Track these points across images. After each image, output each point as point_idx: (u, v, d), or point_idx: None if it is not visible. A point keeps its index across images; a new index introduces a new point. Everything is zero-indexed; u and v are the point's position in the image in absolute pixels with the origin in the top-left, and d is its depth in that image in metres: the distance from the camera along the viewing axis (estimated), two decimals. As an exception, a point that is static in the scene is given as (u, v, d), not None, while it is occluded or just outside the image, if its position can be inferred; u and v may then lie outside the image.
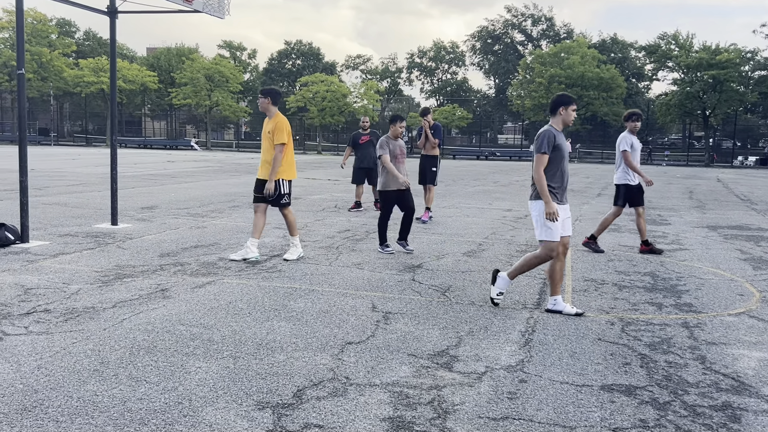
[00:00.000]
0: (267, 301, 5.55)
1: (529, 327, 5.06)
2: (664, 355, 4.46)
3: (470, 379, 3.94)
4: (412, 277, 6.69)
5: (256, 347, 4.38)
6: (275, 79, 74.75)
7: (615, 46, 67.07)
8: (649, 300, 6.01)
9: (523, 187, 20.34)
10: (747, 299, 6.15)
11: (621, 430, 3.30)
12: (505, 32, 74.15)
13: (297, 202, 13.50)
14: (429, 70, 75.28)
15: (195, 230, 9.41)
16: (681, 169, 40.88)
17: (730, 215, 13.51)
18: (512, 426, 3.31)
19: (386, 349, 4.42)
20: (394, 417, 3.37)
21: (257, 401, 3.51)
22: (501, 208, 13.74)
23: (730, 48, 49.45)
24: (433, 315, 5.31)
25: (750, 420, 3.46)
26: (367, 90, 59.61)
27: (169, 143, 59.50)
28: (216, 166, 28.51)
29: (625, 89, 54.28)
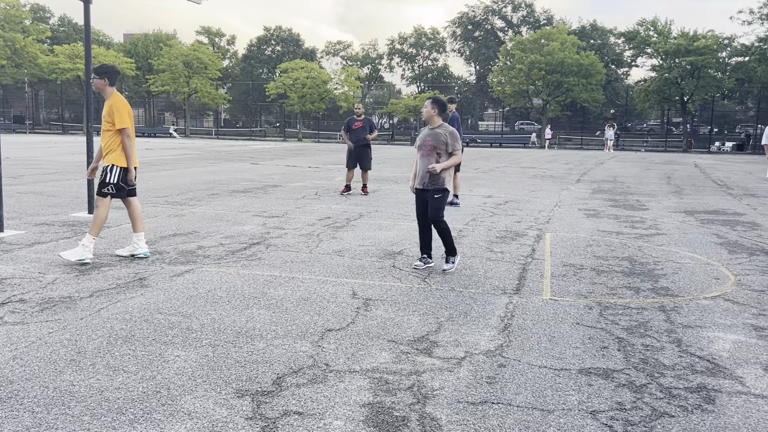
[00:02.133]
0: (246, 289, 5.52)
1: (508, 312, 5.09)
2: (641, 339, 4.51)
3: (450, 364, 3.96)
4: (393, 264, 6.69)
5: (235, 335, 4.36)
6: (255, 66, 74.14)
7: (594, 32, 67.31)
8: (626, 284, 6.08)
9: (504, 173, 20.42)
10: (722, 283, 6.24)
11: (598, 412, 3.34)
12: (486, 18, 74.07)
13: (277, 190, 13.44)
14: (410, 56, 75.02)
15: (173, 218, 9.33)
16: (659, 154, 41.29)
17: (707, 200, 13.69)
18: (491, 410, 3.33)
19: (366, 336, 4.42)
20: (373, 403, 3.38)
21: (236, 389, 3.50)
22: (481, 194, 13.78)
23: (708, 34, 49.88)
24: (413, 301, 5.32)
25: (724, 401, 3.52)
26: (348, 77, 59.33)
27: (148, 131, 58.80)
28: (195, 153, 28.25)
29: (605, 75, 54.54)
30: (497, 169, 22.63)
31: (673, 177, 20.54)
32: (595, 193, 14.85)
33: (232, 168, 19.74)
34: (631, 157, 36.61)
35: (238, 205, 10.99)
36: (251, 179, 15.94)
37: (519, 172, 21.35)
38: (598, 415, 3.31)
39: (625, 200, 13.33)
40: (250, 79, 72.00)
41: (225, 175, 17.15)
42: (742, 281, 6.30)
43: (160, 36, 67.18)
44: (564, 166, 25.65)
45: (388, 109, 59.90)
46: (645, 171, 23.24)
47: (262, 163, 22.87)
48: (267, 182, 15.29)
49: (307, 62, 60.87)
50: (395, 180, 16.77)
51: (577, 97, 53.59)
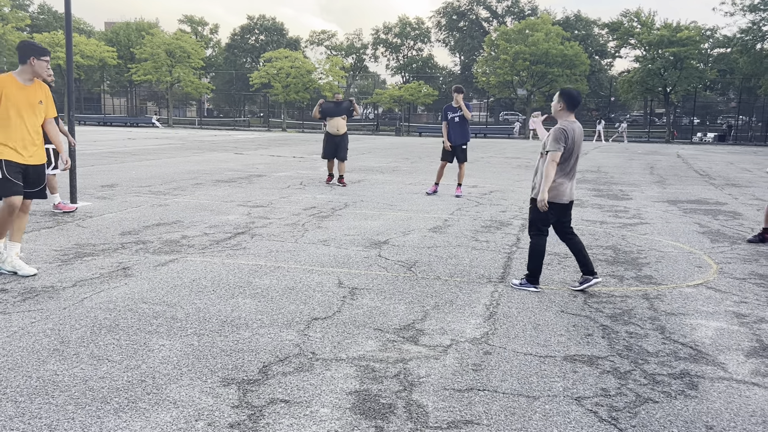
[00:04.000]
0: (231, 279, 5.50)
1: (494, 300, 5.11)
2: (625, 326, 4.55)
3: (436, 352, 3.97)
4: (378, 253, 6.69)
5: (220, 324, 4.34)
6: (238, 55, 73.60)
7: (578, 23, 67.53)
8: (610, 273, 6.12)
9: (488, 164, 20.47)
10: (705, 271, 6.30)
11: (583, 399, 3.36)
12: (470, 8, 74.00)
13: (262, 180, 13.37)
14: (394, 46, 74.82)
15: (157, 208, 9.25)
16: (642, 145, 41.58)
17: (690, 190, 13.81)
18: (477, 397, 3.35)
19: (352, 324, 4.42)
20: (360, 390, 3.38)
21: (222, 378, 3.49)
22: (466, 184, 13.79)
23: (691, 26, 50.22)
24: (399, 290, 5.32)
25: (707, 387, 3.56)
26: (332, 66, 59.08)
27: (130, 120, 58.21)
28: (178, 143, 28.01)
29: (589, 66, 54.77)
30: (482, 159, 22.67)
31: (656, 167, 20.70)
32: (579, 183, 14.91)
33: (216, 158, 19.60)
34: (614, 147, 36.83)
35: (222, 194, 10.92)
36: (235, 169, 15.84)
37: (504, 162, 21.40)
38: (583, 401, 3.34)
39: (608, 190, 13.42)
40: (233, 68, 71.47)
41: (209, 164, 17.03)
42: (724, 269, 6.37)
43: (142, 24, 66.42)
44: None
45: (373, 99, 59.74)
46: (628, 161, 23.39)
47: (246, 153, 22.73)
48: (251, 172, 15.20)
49: (291, 51, 60.49)
50: (380, 170, 16.75)
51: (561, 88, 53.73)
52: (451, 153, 11.82)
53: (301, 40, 74.55)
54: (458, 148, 11.75)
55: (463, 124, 11.66)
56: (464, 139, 11.73)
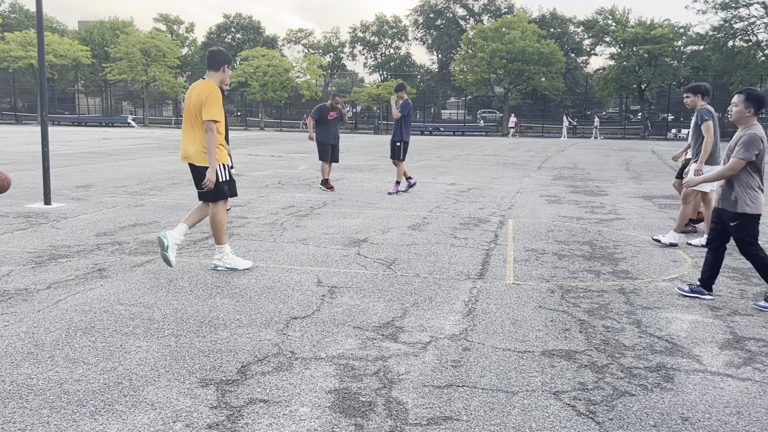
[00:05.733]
0: (209, 279, 5.45)
1: (473, 297, 5.13)
2: (602, 320, 4.60)
3: (415, 349, 3.98)
4: (358, 252, 6.68)
5: (198, 325, 4.30)
6: (215, 54, 72.91)
7: (554, 21, 68.04)
8: (587, 268, 6.18)
9: (467, 161, 20.55)
10: (680, 265, 6.39)
11: (561, 393, 3.39)
12: (447, 7, 74.22)
13: (239, 179, 13.29)
14: (372, 44, 74.79)
15: (133, 208, 9.15)
16: (618, 141, 42.04)
17: (665, 185, 14.00)
18: (456, 393, 3.36)
19: (332, 323, 4.41)
20: (339, 389, 3.37)
21: (200, 378, 3.46)
22: (445, 182, 13.84)
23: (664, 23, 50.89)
24: (379, 288, 5.32)
25: (682, 379, 3.61)
26: (310, 65, 58.89)
27: (105, 120, 57.50)
28: (154, 143, 27.73)
29: (565, 64, 55.24)
30: (460, 156, 22.76)
31: (631, 163, 20.95)
32: (556, 179, 15.05)
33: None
34: (590, 144, 37.21)
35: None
36: (213, 168, 15.70)
37: (481, 159, 21.51)
38: (562, 395, 3.36)
39: (585, 186, 13.55)
40: (210, 67, 70.78)
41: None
42: (698, 263, 6.46)
43: (116, 23, 65.60)
44: (525, 153, 25.94)
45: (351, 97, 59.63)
46: (604, 158, 23.64)
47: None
48: (229, 171, 15.08)
49: (269, 50, 60.19)
50: (359, 168, 16.74)
51: (537, 86, 54.20)
52: (391, 149, 11.69)
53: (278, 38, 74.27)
54: (392, 145, 11.64)
55: (398, 122, 11.50)
56: (397, 137, 11.56)
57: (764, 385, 3.54)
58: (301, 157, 20.31)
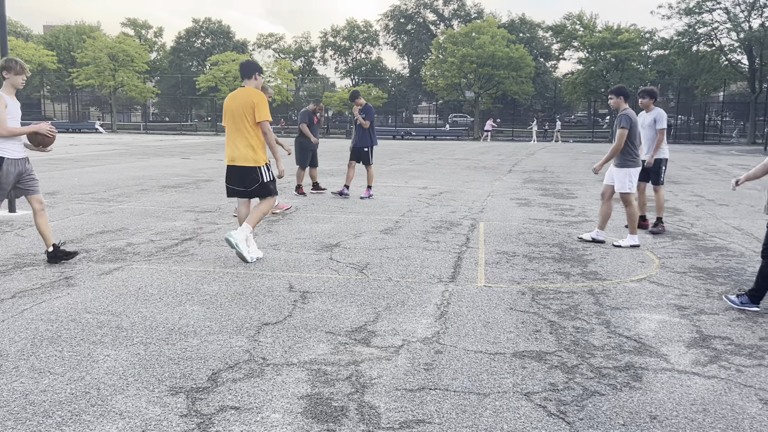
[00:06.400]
0: (179, 286, 5.39)
1: (444, 300, 5.15)
2: (571, 321, 4.65)
3: (388, 353, 3.98)
4: (330, 256, 6.67)
5: (168, 332, 4.24)
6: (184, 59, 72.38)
7: (523, 26, 68.83)
8: (557, 270, 6.25)
9: (438, 165, 20.64)
10: (648, 266, 6.49)
11: (532, 394, 3.42)
12: (418, 12, 74.59)
13: (210, 184, 13.18)
14: (343, 49, 74.82)
15: (101, 215, 9.01)
16: (587, 145, 42.63)
17: (632, 188, 14.20)
18: (428, 396, 3.37)
19: (304, 328, 4.39)
20: (312, 394, 3.36)
21: (170, 387, 3.41)
22: (417, 186, 13.89)
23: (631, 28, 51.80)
24: (351, 292, 5.31)
25: (650, 378, 3.67)
26: (281, 69, 58.68)
27: (72, 126, 56.46)
28: (122, 149, 27.35)
29: (534, 68, 55.83)
30: (432, 161, 22.85)
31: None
32: (526, 182, 15.20)
33: (162, 163, 19.23)
34: (560, 147, 37.66)
35: (168, 200, 10.71)
36: (182, 174, 15.56)
37: (453, 163, 21.63)
38: (533, 396, 3.39)
39: (554, 189, 13.70)
40: (179, 72, 70.23)
41: (154, 170, 16.68)
42: (665, 264, 6.57)
43: (83, 28, 64.62)
44: (496, 157, 26.15)
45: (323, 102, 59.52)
46: (573, 161, 23.94)
47: (194, 157, 22.36)
48: (199, 177, 14.96)
49: (239, 54, 59.83)
50: (331, 173, 16.71)
51: (507, 90, 54.67)
52: (356, 154, 11.71)
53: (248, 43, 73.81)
54: (360, 151, 11.64)
55: (362, 128, 11.52)
56: (362, 143, 11.57)
57: (729, 382, 3.61)
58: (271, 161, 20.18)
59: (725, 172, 18.86)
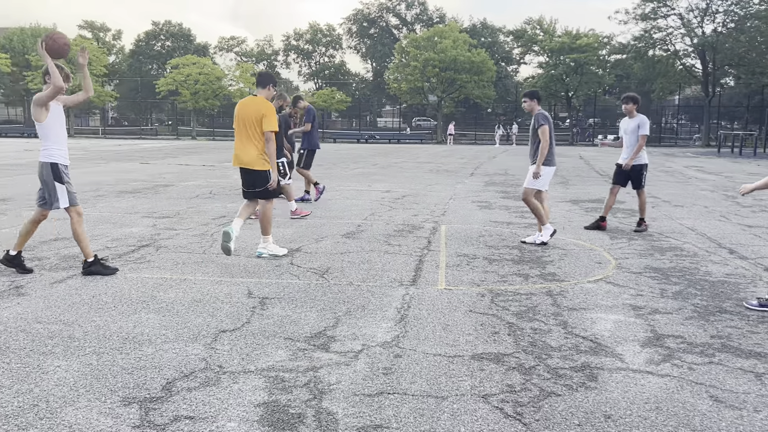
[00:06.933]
0: (134, 294, 5.28)
1: (405, 303, 5.15)
2: (529, 323, 4.69)
3: (347, 358, 3.95)
4: (291, 261, 6.62)
5: (122, 342, 4.15)
6: (143, 62, 71.27)
7: (485, 30, 69.54)
8: (516, 271, 6.31)
9: (402, 169, 20.69)
10: (604, 267, 6.60)
11: (490, 396, 3.43)
12: (380, 16, 74.79)
13: (169, 190, 12.97)
14: (306, 53, 74.57)
15: (55, 223, 8.78)
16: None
17: (591, 190, 14.47)
18: (387, 401, 3.36)
19: (262, 335, 4.34)
20: (268, 402, 3.32)
21: (123, 397, 3.34)
22: (380, 189, 13.90)
23: (589, 33, 52.79)
24: (311, 297, 5.28)
25: (605, 377, 3.72)
26: (243, 73, 58.19)
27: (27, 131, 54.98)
28: (80, 154, 26.77)
29: (495, 73, 56.45)
30: (395, 164, 22.91)
31: (559, 169, 21.54)
32: (488, 185, 15.34)
33: (120, 168, 18.87)
34: (522, 150, 38.11)
35: (125, 206, 10.51)
36: (141, 179, 15.29)
37: (416, 167, 21.71)
38: (490, 398, 3.41)
39: (515, 192, 13.84)
40: (138, 75, 69.10)
41: (112, 175, 16.36)
42: (621, 264, 6.69)
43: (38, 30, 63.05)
44: (459, 160, 26.34)
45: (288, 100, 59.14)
46: (535, 163, 24.22)
47: (153, 162, 22.00)
48: (158, 182, 14.72)
49: (200, 58, 59.16)
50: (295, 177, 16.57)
51: (469, 94, 55.16)
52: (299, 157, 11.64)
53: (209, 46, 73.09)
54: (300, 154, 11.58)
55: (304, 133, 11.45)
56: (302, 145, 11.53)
57: (681, 380, 3.69)
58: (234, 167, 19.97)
59: (681, 174, 19.33)
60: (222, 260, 6.58)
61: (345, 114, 69.94)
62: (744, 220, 9.97)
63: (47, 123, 5.66)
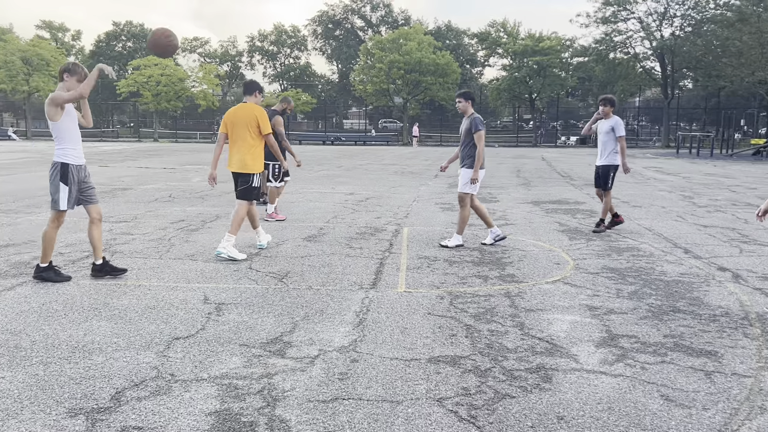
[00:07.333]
0: (86, 301, 5.15)
1: (364, 307, 5.12)
2: (487, 325, 4.70)
3: (302, 363, 3.91)
4: (249, 266, 6.54)
5: (71, 351, 4.04)
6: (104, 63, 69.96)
7: (450, 33, 69.98)
8: (476, 273, 6.33)
9: (366, 171, 20.67)
10: (563, 267, 6.67)
11: (444, 399, 3.43)
12: (345, 17, 74.71)
13: (127, 193, 12.73)
14: (271, 54, 74.10)
15: (7, 228, 8.54)
16: (511, 149, 43.67)
17: (552, 191, 14.63)
18: (341, 406, 3.32)
19: (216, 342, 4.26)
20: (220, 410, 3.26)
21: (69, 408, 3.24)
22: (343, 191, 13.85)
23: (552, 36, 53.52)
24: (269, 302, 5.22)
25: (560, 378, 3.75)
26: (206, 74, 57.57)
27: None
28: (37, 157, 26.14)
29: (460, 75, 56.86)
30: (360, 166, 22.87)
31: (522, 170, 21.77)
32: (451, 187, 15.40)
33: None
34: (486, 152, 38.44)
35: (81, 210, 10.21)
36: (99, 183, 14.97)
37: (381, 168, 21.71)
38: (445, 401, 3.40)
39: (477, 193, 13.91)
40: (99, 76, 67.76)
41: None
42: (579, 265, 6.77)
43: (-7, 29, 61.48)
44: (424, 162, 26.42)
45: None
46: (497, 165, 24.45)
47: (112, 165, 21.59)
48: (116, 185, 14.43)
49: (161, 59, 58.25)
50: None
51: (435, 96, 55.43)
52: None
53: (172, 47, 71.93)
54: None
55: None
56: None
57: (634, 380, 3.73)
58: (195, 170, 19.73)
59: (640, 175, 19.68)
60: (178, 266, 6.47)
61: (311, 116, 69.67)
62: (700, 220, 10.19)
63: (61, 123, 5.62)
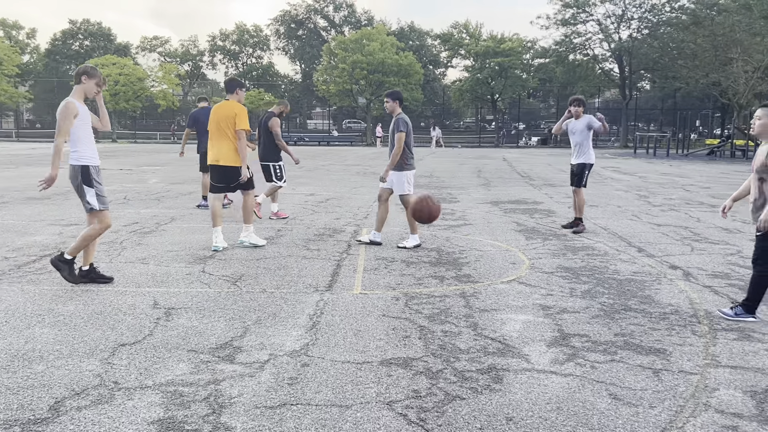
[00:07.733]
0: (29, 307, 4.98)
1: (318, 310, 5.06)
2: (441, 325, 4.69)
3: (251, 369, 3.84)
4: (202, 269, 6.41)
5: (10, 359, 3.89)
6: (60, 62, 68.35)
7: (413, 33, 70.21)
8: (432, 274, 6.33)
9: (328, 171, 20.57)
10: (518, 267, 6.70)
11: (394, 402, 3.39)
12: (308, 17, 74.39)
13: (82, 195, 12.41)
14: (232, 53, 73.32)
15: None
16: (473, 150, 44.01)
17: (511, 191, 14.76)
18: (289, 412, 3.27)
19: (164, 348, 4.16)
20: (164, 419, 3.17)
21: (4, 420, 3.11)
22: (304, 192, 13.75)
23: (513, 38, 54.09)
24: (221, 306, 5.12)
25: (510, 379, 3.74)
26: (166, 74, 56.69)
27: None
28: (-11, 158, 25.37)
29: (423, 76, 57.10)
30: (322, 167, 22.76)
31: (483, 170, 21.93)
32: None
33: (32, 173, 17.97)
34: (449, 153, 38.65)
35: (31, 213, 9.98)
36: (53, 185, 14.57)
37: (343, 169, 21.63)
38: (395, 405, 3.37)
39: (438, 194, 13.96)
40: (55, 75, 66.21)
41: (21, 181, 15.55)
42: (535, 264, 6.82)
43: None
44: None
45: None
46: (459, 166, 24.60)
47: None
48: (69, 188, 14.02)
49: (120, 58, 57.22)
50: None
51: (398, 96, 55.41)
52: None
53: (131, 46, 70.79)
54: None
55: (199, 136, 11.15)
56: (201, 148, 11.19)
57: (583, 379, 3.75)
58: (153, 171, 19.37)
59: (598, 175, 19.99)
60: (129, 270, 6.31)
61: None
62: (654, 219, 10.38)
63: (75, 126, 5.49)
